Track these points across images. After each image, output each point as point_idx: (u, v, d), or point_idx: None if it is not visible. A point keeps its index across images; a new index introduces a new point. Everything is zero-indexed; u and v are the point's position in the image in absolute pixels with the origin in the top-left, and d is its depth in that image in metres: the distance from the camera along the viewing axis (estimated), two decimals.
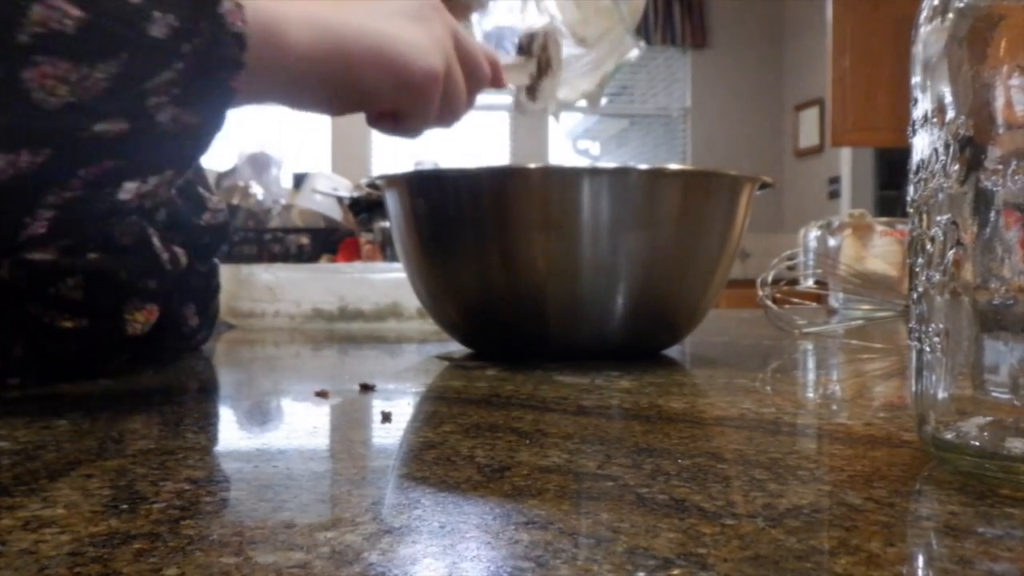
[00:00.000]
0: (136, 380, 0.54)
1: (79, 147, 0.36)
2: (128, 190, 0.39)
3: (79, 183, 0.37)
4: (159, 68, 0.37)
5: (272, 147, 2.81)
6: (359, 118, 0.54)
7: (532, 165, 0.68)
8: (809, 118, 4.80)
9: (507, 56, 0.71)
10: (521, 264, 0.61)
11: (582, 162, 5.37)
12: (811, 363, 0.69)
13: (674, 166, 1.27)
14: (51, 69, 0.34)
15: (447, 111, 0.55)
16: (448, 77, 0.53)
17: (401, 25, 0.50)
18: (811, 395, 0.52)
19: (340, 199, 2.52)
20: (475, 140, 4.97)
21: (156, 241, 0.56)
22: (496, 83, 0.61)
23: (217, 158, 2.83)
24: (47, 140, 0.35)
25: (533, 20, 0.70)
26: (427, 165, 2.87)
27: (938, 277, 0.28)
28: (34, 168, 0.35)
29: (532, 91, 0.70)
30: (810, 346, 0.79)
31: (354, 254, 2.23)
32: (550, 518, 0.23)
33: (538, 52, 0.68)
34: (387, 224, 1.01)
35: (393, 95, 0.51)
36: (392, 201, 0.67)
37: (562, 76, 0.70)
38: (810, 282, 1.28)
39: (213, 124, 0.41)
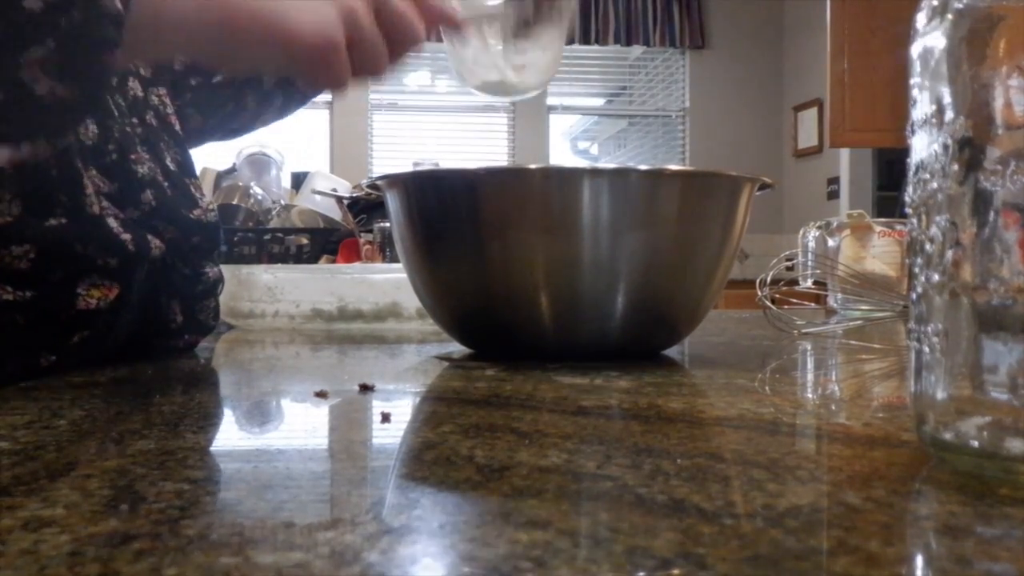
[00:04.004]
0: (135, 380, 0.54)
1: None
2: (0, 155, 0.40)
3: None
4: (33, 40, 0.37)
5: (272, 147, 2.81)
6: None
7: (532, 165, 0.68)
8: (808, 119, 4.80)
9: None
10: (521, 264, 0.61)
11: (581, 163, 5.37)
12: (810, 363, 0.69)
13: (674, 167, 1.27)
14: None
15: (365, 70, 0.54)
16: (357, 38, 0.52)
17: None
18: (810, 395, 0.52)
19: (339, 199, 2.52)
20: (475, 140, 4.97)
21: (113, 223, 0.56)
22: (449, 21, 0.60)
23: (217, 158, 2.84)
24: None
25: None
26: (427, 166, 2.87)
27: (937, 277, 0.28)
28: None
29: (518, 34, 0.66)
30: (809, 346, 0.79)
31: (354, 254, 2.23)
32: (549, 518, 0.23)
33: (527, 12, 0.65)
34: (387, 224, 1.01)
35: (284, 62, 0.51)
36: (392, 201, 0.67)
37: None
38: (809, 282, 1.28)
39: (89, 98, 0.41)
